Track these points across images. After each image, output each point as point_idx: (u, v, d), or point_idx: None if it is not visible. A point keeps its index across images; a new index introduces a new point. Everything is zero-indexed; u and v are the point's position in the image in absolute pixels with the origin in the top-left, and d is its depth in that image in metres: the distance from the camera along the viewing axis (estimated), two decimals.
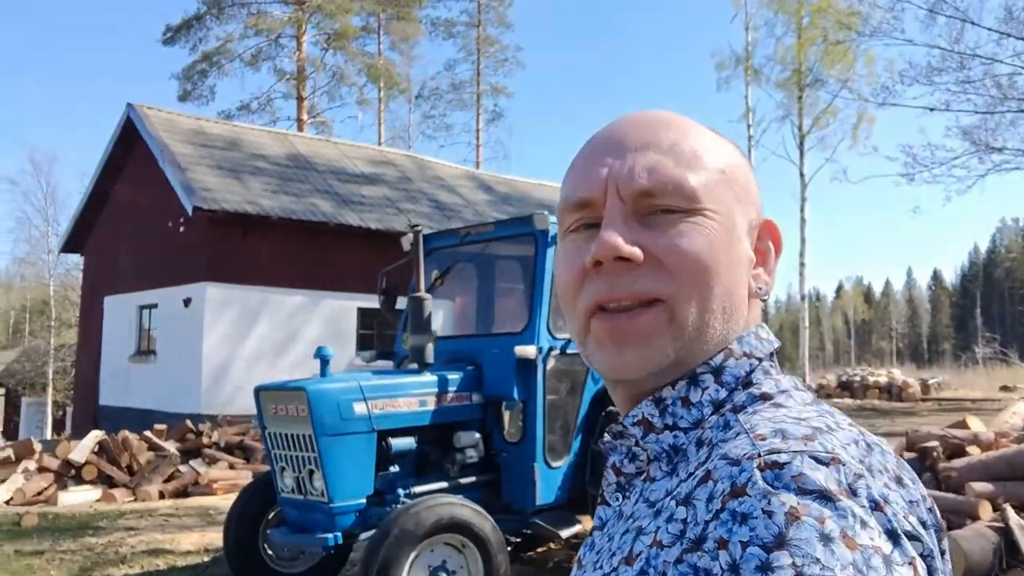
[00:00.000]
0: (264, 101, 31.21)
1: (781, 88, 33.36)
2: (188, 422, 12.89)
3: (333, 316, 16.75)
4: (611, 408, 6.04)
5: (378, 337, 17.53)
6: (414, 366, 6.64)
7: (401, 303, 7.40)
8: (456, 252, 6.84)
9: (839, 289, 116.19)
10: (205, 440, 12.34)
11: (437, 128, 38.83)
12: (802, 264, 29.83)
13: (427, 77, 38.58)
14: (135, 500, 11.02)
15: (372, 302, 17.28)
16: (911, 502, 0.64)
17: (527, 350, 5.56)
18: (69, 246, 20.81)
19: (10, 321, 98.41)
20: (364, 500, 5.31)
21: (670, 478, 0.71)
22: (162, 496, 11.12)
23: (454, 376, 5.82)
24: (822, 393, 28.41)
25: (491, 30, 38.88)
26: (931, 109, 18.84)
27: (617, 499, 0.77)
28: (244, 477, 11.41)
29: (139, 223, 17.84)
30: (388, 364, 7.29)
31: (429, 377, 5.73)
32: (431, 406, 5.67)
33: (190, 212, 15.15)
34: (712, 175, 0.76)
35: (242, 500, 5.98)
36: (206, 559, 6.97)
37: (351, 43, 31.25)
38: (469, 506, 5.03)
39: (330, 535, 5.16)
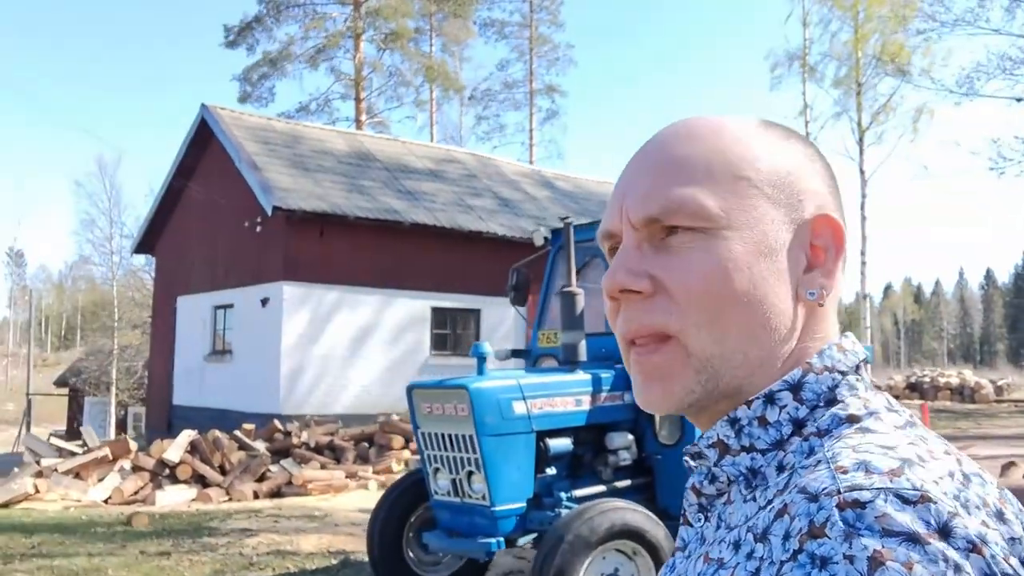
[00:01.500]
0: (322, 102, 31.33)
1: (838, 85, 32.88)
2: (276, 422, 12.83)
3: (407, 315, 16.64)
4: None
5: (453, 336, 17.40)
6: (551, 364, 6.44)
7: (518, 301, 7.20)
8: (592, 246, 6.60)
9: (887, 289, 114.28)
10: (294, 440, 12.26)
11: (491, 129, 38.71)
12: (863, 263, 29.28)
13: (479, 79, 38.43)
14: (230, 500, 10.96)
15: (444, 301, 17.22)
16: (1012, 540, 0.58)
17: None
18: (141, 247, 20.97)
19: (62, 323, 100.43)
20: (524, 504, 5.12)
21: (749, 503, 0.67)
22: (256, 496, 11.06)
23: (606, 375, 5.60)
24: (890, 394, 27.78)
25: (543, 29, 38.69)
26: (1018, 100, 18.25)
27: (699, 520, 0.74)
28: (337, 478, 11.31)
29: (213, 223, 17.89)
30: (514, 363, 7.06)
31: (583, 376, 5.50)
32: (586, 406, 5.45)
33: (269, 212, 15.12)
34: (733, 184, 0.71)
35: (387, 502, 5.81)
36: (334, 562, 6.83)
37: (407, 44, 31.22)
38: (641, 512, 4.81)
39: (492, 540, 4.98)
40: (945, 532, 0.54)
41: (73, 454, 11.37)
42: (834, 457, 0.61)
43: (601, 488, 5.40)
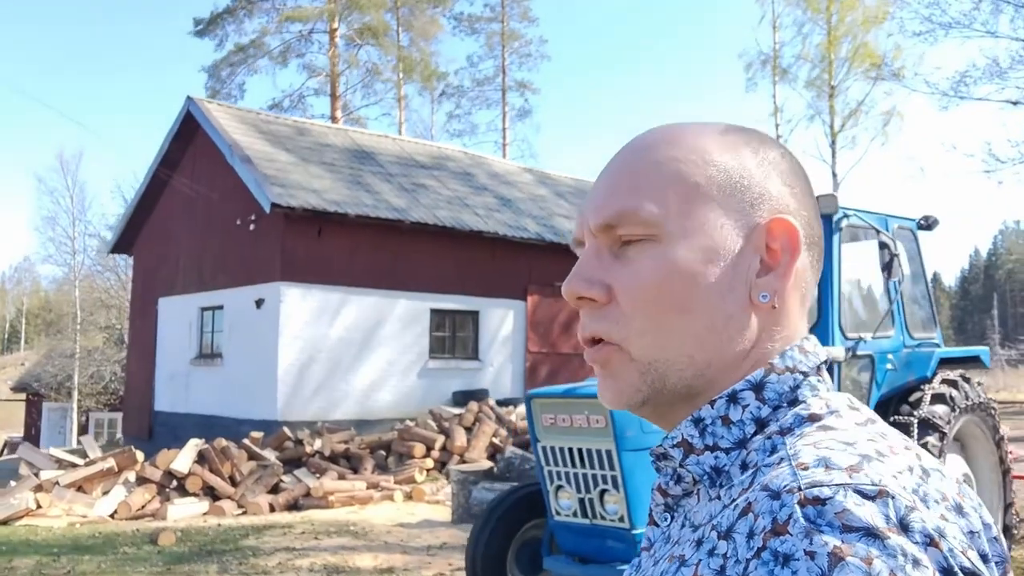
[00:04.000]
0: (295, 99, 30.48)
1: (810, 87, 33.15)
2: (285, 429, 12.20)
3: (407, 317, 16.05)
4: (897, 417, 5.43)
5: (451, 339, 16.86)
6: None
7: None
8: None
9: None
10: (307, 449, 11.65)
11: (463, 127, 38.10)
12: None
13: (450, 74, 37.65)
14: (244, 513, 10.34)
15: (443, 302, 16.66)
16: (971, 533, 0.59)
17: (832, 352, 4.91)
18: (119, 247, 20.01)
19: (5, 326, 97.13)
20: None
21: (713, 501, 0.68)
22: (272, 509, 10.44)
23: None
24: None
25: (515, 24, 38.21)
26: (1014, 103, 18.35)
27: (666, 519, 0.75)
28: (359, 489, 10.73)
29: (199, 221, 17.10)
30: None
31: None
32: None
33: (267, 209, 14.41)
34: (681, 192, 0.72)
35: (491, 520, 5.31)
36: None
37: (384, 37, 30.54)
38: None
39: None
40: (904, 526, 0.54)
41: (74, 466, 10.61)
42: (795, 454, 0.62)
43: None
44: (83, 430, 30.24)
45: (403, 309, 16.03)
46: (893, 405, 5.48)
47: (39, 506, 9.75)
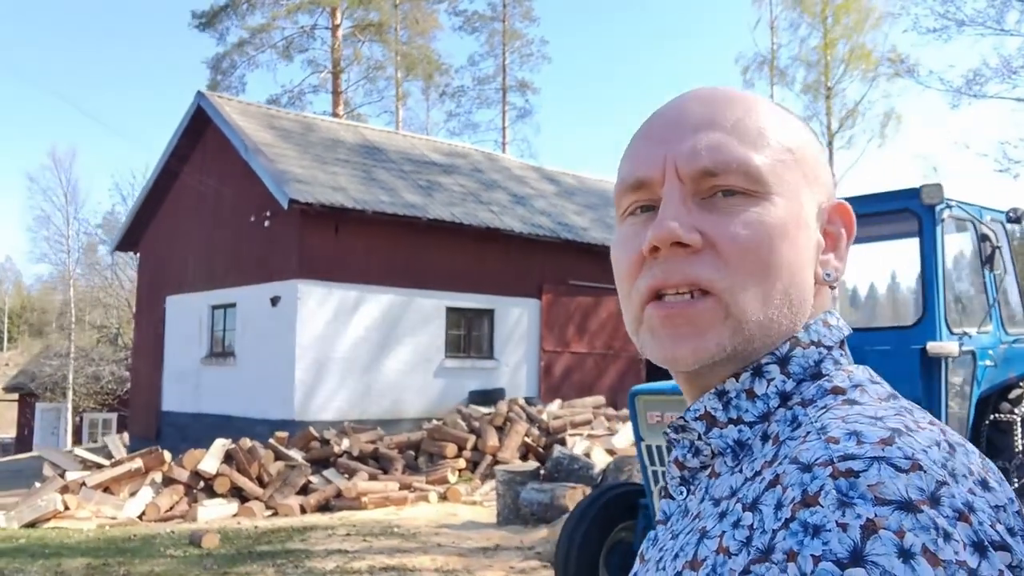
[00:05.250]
0: (295, 95, 30.15)
1: (807, 91, 33.21)
2: (311, 429, 11.95)
3: (423, 315, 15.82)
4: (997, 416, 5.28)
5: (467, 337, 16.65)
6: None
7: None
8: None
9: None
10: (335, 449, 11.40)
11: (462, 126, 37.85)
12: None
13: (451, 68, 37.35)
14: (275, 515, 10.10)
15: (459, 300, 16.45)
16: (997, 507, 0.58)
17: (946, 347, 4.76)
18: (124, 244, 19.65)
19: None
20: None
21: (735, 474, 0.67)
22: (303, 510, 10.21)
23: None
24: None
25: (516, 24, 38.01)
26: None
27: (681, 493, 0.74)
28: (393, 490, 10.50)
29: (210, 218, 16.80)
30: None
31: None
32: None
33: (285, 206, 14.15)
34: (779, 155, 0.71)
35: (581, 525, 5.11)
36: None
37: (386, 33, 30.30)
38: None
39: None
40: (935, 499, 0.54)
41: (100, 466, 10.32)
42: (824, 428, 0.61)
43: None
44: (77, 431, 29.81)
45: (419, 307, 15.80)
46: (992, 402, 5.33)
47: (66, 508, 9.47)
